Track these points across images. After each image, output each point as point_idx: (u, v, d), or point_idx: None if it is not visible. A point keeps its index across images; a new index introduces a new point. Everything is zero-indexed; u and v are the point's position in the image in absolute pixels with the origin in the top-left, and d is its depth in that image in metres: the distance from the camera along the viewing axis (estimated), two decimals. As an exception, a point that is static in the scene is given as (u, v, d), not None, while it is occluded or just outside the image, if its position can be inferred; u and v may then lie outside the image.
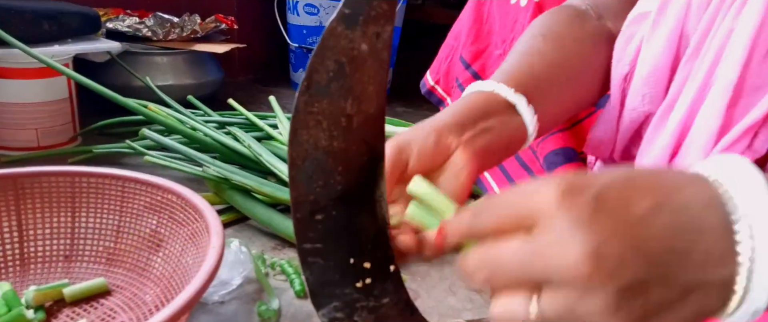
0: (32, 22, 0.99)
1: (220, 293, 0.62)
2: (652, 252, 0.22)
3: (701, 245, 0.22)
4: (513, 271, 0.24)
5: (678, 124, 0.41)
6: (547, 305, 0.23)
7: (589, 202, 0.22)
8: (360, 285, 0.34)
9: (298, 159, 0.31)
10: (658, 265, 0.22)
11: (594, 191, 0.22)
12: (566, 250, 0.22)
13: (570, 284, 0.22)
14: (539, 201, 0.23)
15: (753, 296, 0.23)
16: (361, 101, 0.31)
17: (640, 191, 0.23)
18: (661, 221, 0.22)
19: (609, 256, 0.21)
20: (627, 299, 0.22)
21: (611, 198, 0.22)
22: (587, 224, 0.21)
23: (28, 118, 0.97)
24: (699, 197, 0.23)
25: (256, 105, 1.38)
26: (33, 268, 0.61)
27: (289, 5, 1.53)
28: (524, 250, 0.23)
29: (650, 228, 0.22)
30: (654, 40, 0.45)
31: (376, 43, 0.30)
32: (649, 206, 0.22)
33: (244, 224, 0.81)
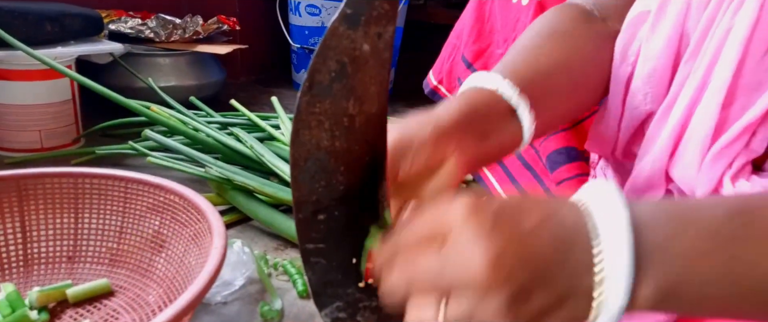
0: (35, 24, 0.99)
1: (222, 293, 0.62)
2: (537, 262, 0.26)
3: (573, 256, 0.26)
4: (426, 280, 0.27)
5: (676, 124, 0.41)
6: (452, 309, 0.26)
7: (489, 217, 0.26)
8: (362, 285, 0.34)
9: (300, 159, 0.31)
10: (541, 273, 0.26)
11: (493, 208, 0.26)
12: (470, 259, 0.25)
13: (471, 290, 0.26)
14: (449, 217, 0.27)
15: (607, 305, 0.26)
16: (363, 101, 0.31)
17: (529, 210, 0.27)
18: (544, 234, 0.26)
19: (503, 265, 0.25)
20: (516, 304, 0.25)
21: (506, 214, 0.26)
22: (487, 235, 0.25)
23: (31, 119, 0.97)
24: (571, 217, 0.27)
25: (259, 106, 1.38)
26: (36, 269, 0.62)
27: (291, 6, 1.53)
28: (436, 261, 0.27)
29: (536, 241, 0.26)
30: (654, 39, 0.44)
31: (377, 44, 0.30)
32: (535, 221, 0.26)
33: (247, 224, 0.81)
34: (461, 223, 0.26)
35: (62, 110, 1.00)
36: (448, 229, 0.27)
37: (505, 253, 0.25)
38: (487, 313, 0.26)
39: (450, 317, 0.27)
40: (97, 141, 1.05)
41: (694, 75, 0.41)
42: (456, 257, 0.26)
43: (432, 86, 0.86)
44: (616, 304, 0.26)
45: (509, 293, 0.25)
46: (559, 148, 0.63)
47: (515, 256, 0.25)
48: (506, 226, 0.26)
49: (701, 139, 0.39)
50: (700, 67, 0.40)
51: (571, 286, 0.26)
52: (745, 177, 0.39)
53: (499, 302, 0.25)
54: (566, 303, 0.26)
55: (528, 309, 0.26)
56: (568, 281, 0.26)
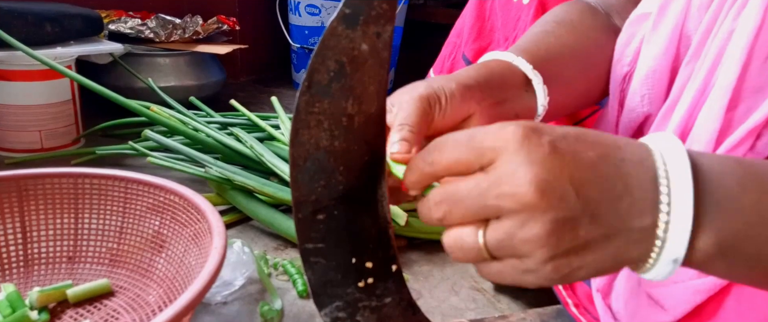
0: (35, 25, 0.99)
1: (222, 293, 0.62)
2: (589, 195, 0.25)
3: (629, 196, 0.25)
4: (469, 204, 0.26)
5: (678, 127, 0.41)
6: (491, 232, 0.26)
7: (547, 145, 0.25)
8: (362, 285, 0.34)
9: (300, 159, 0.31)
10: (591, 205, 0.25)
11: (552, 136, 0.25)
12: (519, 179, 0.24)
13: (515, 211, 0.25)
14: (502, 138, 0.26)
15: (670, 246, 0.25)
16: (362, 101, 0.31)
17: (589, 143, 0.26)
18: (601, 169, 0.25)
19: (553, 189, 0.24)
20: (559, 231, 0.24)
21: (565, 145, 0.25)
22: (542, 162, 0.24)
23: (31, 120, 0.97)
24: (634, 157, 0.26)
25: (258, 105, 1.38)
26: (36, 269, 0.62)
27: (291, 6, 1.53)
28: (482, 182, 0.25)
29: (592, 174, 0.25)
30: (654, 41, 0.44)
31: (376, 43, 0.30)
32: (594, 155, 0.25)
33: (247, 224, 0.81)
34: (514, 146, 0.25)
35: (62, 110, 1.00)
36: (498, 151, 0.25)
37: (557, 177, 0.24)
38: (527, 236, 0.24)
39: (489, 240, 0.26)
40: (97, 141, 1.05)
41: (695, 77, 0.41)
42: (505, 176, 0.25)
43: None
44: (675, 252, 0.25)
45: (554, 217, 0.24)
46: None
47: (569, 182, 0.24)
48: (565, 154, 0.25)
49: (705, 142, 0.39)
50: (702, 69, 0.40)
51: (623, 224, 0.25)
52: None
53: (543, 226, 0.24)
54: (613, 241, 0.25)
55: (572, 239, 0.25)
56: (621, 219, 0.25)
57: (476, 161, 0.26)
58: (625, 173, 0.25)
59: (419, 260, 0.74)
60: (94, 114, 1.12)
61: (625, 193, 0.25)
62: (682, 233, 0.25)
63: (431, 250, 0.76)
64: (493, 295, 0.68)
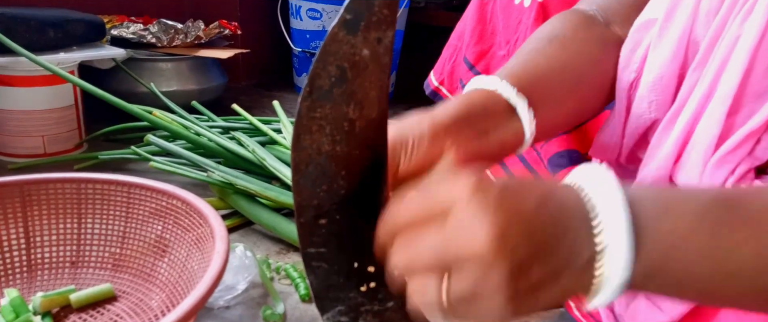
0: (38, 30, 0.99)
1: (225, 297, 0.62)
2: (538, 238, 0.27)
3: (567, 237, 0.27)
4: (429, 256, 0.27)
5: (681, 131, 0.41)
6: (454, 285, 0.27)
7: (494, 194, 0.27)
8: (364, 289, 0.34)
9: (302, 164, 0.32)
10: (541, 247, 0.27)
11: (497, 187, 0.27)
12: (475, 234, 0.26)
13: (475, 264, 0.26)
14: (452, 193, 0.27)
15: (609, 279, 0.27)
16: (364, 106, 0.31)
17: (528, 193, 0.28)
18: (545, 211, 0.27)
19: (507, 240, 0.26)
20: (516, 277, 0.26)
21: (510, 192, 0.27)
22: (493, 214, 0.26)
23: (34, 125, 0.98)
24: (570, 195, 0.28)
25: (260, 110, 1.39)
26: (40, 274, 0.62)
27: (292, 10, 1.53)
28: (440, 235, 0.27)
29: (539, 218, 0.27)
30: (661, 47, 0.44)
31: (377, 48, 0.30)
32: (534, 204, 0.27)
33: (249, 228, 0.81)
34: (465, 199, 0.27)
35: (65, 116, 1.01)
36: (450, 205, 0.27)
37: (509, 228, 0.26)
38: (489, 287, 0.26)
39: (453, 294, 0.27)
40: (99, 146, 1.05)
41: (701, 82, 0.41)
42: (460, 231, 0.26)
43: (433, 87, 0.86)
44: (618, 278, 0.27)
45: (511, 266, 0.26)
46: (560, 151, 0.63)
47: (519, 231, 0.26)
48: (511, 203, 0.27)
49: (705, 146, 0.39)
50: (708, 74, 0.40)
51: (569, 260, 0.27)
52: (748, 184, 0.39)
53: (501, 275, 0.26)
54: (560, 278, 0.27)
55: (527, 282, 0.27)
56: (566, 255, 0.27)
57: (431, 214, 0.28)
58: (562, 217, 0.28)
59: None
60: (96, 119, 1.12)
61: (564, 235, 0.27)
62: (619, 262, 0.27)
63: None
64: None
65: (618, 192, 0.28)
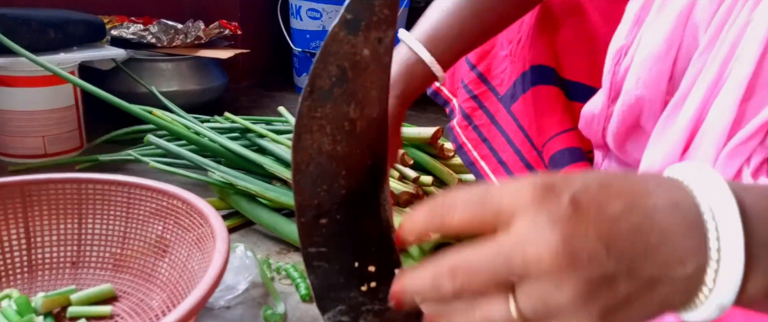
0: (38, 31, 1.00)
1: (225, 297, 0.62)
2: (621, 249, 0.23)
3: (666, 244, 0.23)
4: (491, 272, 0.23)
5: (690, 119, 0.40)
6: (523, 301, 0.23)
7: (567, 202, 0.23)
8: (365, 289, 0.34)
9: (302, 164, 0.32)
10: (626, 260, 0.23)
11: (570, 193, 0.23)
12: (542, 244, 0.22)
13: (544, 277, 0.23)
14: (517, 198, 0.24)
15: (719, 293, 0.24)
16: (364, 106, 0.31)
17: (614, 194, 0.24)
18: (631, 221, 0.23)
19: (581, 250, 0.22)
20: (596, 291, 0.23)
21: (586, 200, 0.23)
22: (565, 221, 0.23)
23: (34, 126, 0.98)
24: (668, 201, 0.24)
25: (261, 110, 1.39)
26: (40, 275, 0.62)
27: (292, 10, 1.54)
28: (503, 246, 0.23)
29: (620, 228, 0.23)
30: (657, 25, 0.44)
31: (378, 48, 0.31)
32: (621, 208, 0.23)
33: (250, 228, 0.81)
34: (533, 205, 0.23)
35: (65, 116, 1.01)
36: (515, 212, 0.23)
37: (584, 236, 0.22)
38: (563, 301, 0.23)
39: (524, 308, 0.23)
40: (100, 146, 1.05)
41: (709, 68, 0.40)
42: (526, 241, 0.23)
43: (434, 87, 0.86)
44: (724, 298, 0.24)
45: (588, 279, 0.22)
46: (562, 149, 0.63)
47: (597, 239, 0.23)
48: (588, 209, 0.23)
49: (717, 135, 0.38)
50: (715, 60, 0.39)
51: (665, 274, 0.23)
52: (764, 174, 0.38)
53: (576, 287, 0.22)
54: (654, 291, 0.24)
55: (610, 298, 0.23)
56: (661, 269, 0.23)
57: (492, 221, 0.24)
58: (658, 221, 0.24)
59: (422, 263, 0.74)
60: (97, 119, 1.12)
61: (661, 242, 0.23)
62: (732, 280, 0.23)
63: (434, 253, 0.76)
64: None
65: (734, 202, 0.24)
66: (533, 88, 0.65)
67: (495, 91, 0.73)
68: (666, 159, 0.43)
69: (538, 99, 0.65)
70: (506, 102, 0.70)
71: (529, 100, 0.67)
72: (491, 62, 0.76)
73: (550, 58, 0.66)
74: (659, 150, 0.43)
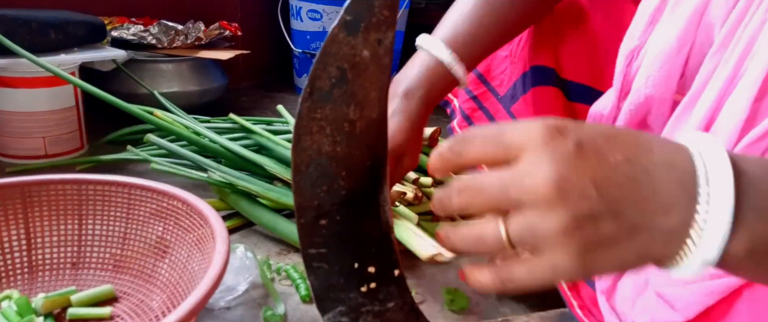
0: (39, 32, 1.00)
1: (226, 298, 0.62)
2: (611, 194, 0.25)
3: (656, 196, 0.25)
4: (491, 195, 0.26)
5: (702, 118, 0.40)
6: (513, 226, 0.26)
7: (572, 146, 0.25)
8: (365, 289, 0.34)
9: (302, 165, 0.32)
10: (613, 204, 0.25)
11: (578, 137, 0.25)
12: (539, 176, 0.25)
13: (535, 207, 0.25)
14: (527, 136, 0.26)
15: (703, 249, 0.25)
16: (364, 107, 0.31)
17: (617, 145, 0.25)
18: (627, 172, 0.25)
19: (573, 187, 0.24)
20: (580, 226, 0.25)
21: (590, 146, 0.25)
22: (565, 160, 0.25)
23: (35, 126, 0.98)
24: (666, 159, 0.26)
25: (261, 110, 1.39)
26: (41, 275, 0.62)
27: (293, 11, 1.54)
28: (505, 176, 0.26)
29: (616, 175, 0.25)
30: (670, 24, 0.44)
31: (377, 50, 0.31)
32: (621, 158, 0.25)
33: (250, 229, 0.81)
34: (540, 144, 0.25)
35: (66, 117, 1.01)
36: (524, 149, 0.26)
37: (579, 176, 0.24)
38: (548, 229, 0.25)
39: (512, 231, 0.26)
40: (100, 147, 1.05)
41: (723, 67, 0.40)
42: (526, 172, 0.25)
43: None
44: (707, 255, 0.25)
45: (574, 213, 0.24)
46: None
47: (591, 181, 0.24)
48: (589, 154, 0.25)
49: (729, 134, 0.38)
50: (730, 59, 0.39)
51: (647, 222, 0.25)
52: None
53: (562, 220, 0.24)
54: (636, 238, 0.25)
55: (592, 234, 0.25)
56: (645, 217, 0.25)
57: (503, 156, 0.26)
58: (653, 175, 0.25)
59: (422, 263, 0.74)
60: (97, 120, 1.12)
61: (652, 194, 0.25)
62: (717, 238, 0.25)
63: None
64: (497, 298, 0.68)
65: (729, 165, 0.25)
66: (533, 88, 0.65)
67: (495, 91, 0.73)
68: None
69: (538, 100, 0.65)
70: (506, 103, 0.70)
71: (529, 100, 0.67)
72: (491, 63, 0.76)
73: (550, 59, 0.66)
74: None
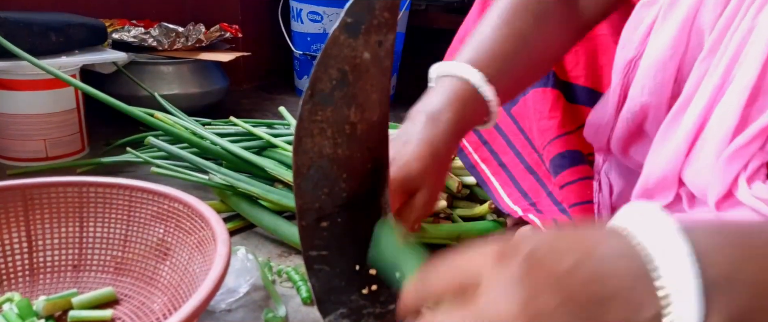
0: (40, 34, 1.00)
1: (227, 300, 0.62)
2: (578, 301, 0.24)
3: (622, 292, 0.24)
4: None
5: (693, 124, 0.40)
6: None
7: (520, 263, 0.25)
8: (366, 292, 0.34)
9: (303, 167, 0.32)
10: (584, 311, 0.24)
11: (524, 253, 0.25)
12: (504, 307, 0.24)
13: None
14: (477, 266, 0.26)
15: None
16: (365, 109, 0.31)
17: (563, 250, 0.25)
18: (583, 273, 0.24)
19: (540, 310, 0.24)
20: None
21: (539, 258, 0.25)
22: (520, 282, 0.24)
23: (36, 129, 0.98)
24: (615, 249, 0.25)
25: (262, 113, 1.39)
26: (42, 278, 0.62)
27: (293, 13, 1.54)
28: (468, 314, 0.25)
29: (575, 280, 0.24)
30: (663, 30, 0.44)
31: (378, 52, 0.31)
32: (572, 261, 0.24)
33: (251, 231, 0.81)
34: (490, 272, 0.25)
35: (67, 119, 1.01)
36: (477, 279, 0.26)
37: (539, 296, 0.24)
38: None
39: None
40: (101, 150, 1.06)
41: (712, 73, 0.40)
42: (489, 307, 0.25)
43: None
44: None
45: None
46: (562, 152, 0.63)
47: (551, 298, 0.24)
48: (538, 270, 0.25)
49: (720, 138, 0.39)
50: (719, 65, 0.39)
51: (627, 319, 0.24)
52: (761, 179, 0.38)
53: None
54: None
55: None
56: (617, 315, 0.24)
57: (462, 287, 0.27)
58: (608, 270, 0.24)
59: (423, 265, 0.74)
60: (98, 123, 1.12)
61: (616, 290, 0.24)
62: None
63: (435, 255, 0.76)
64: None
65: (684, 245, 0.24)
66: (533, 90, 0.65)
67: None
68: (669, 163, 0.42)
69: (538, 101, 0.65)
70: (507, 105, 0.70)
71: (529, 102, 0.67)
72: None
73: (551, 61, 0.66)
74: (662, 154, 0.43)
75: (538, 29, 0.49)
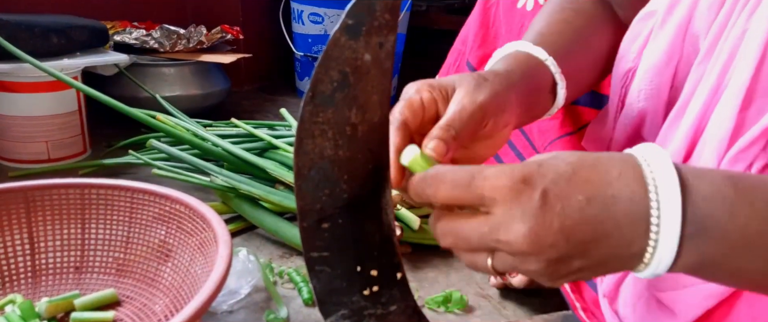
0: (41, 37, 1.00)
1: (228, 302, 0.62)
2: (578, 238, 0.28)
3: (619, 231, 0.28)
4: (473, 241, 0.30)
5: (690, 128, 0.41)
6: (498, 263, 0.30)
7: (538, 199, 0.28)
8: (367, 293, 0.34)
9: (304, 168, 0.32)
10: (581, 246, 0.28)
11: (543, 186, 0.28)
12: (513, 232, 0.28)
13: (514, 255, 0.29)
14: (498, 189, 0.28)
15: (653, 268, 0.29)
16: (366, 110, 0.32)
17: (581, 184, 0.28)
18: (590, 212, 0.28)
19: (545, 239, 0.28)
20: (554, 267, 0.29)
21: (555, 192, 0.28)
22: (533, 216, 0.28)
23: (38, 131, 0.98)
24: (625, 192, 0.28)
25: (263, 114, 1.39)
26: (44, 280, 0.62)
27: (294, 14, 1.54)
28: (482, 227, 0.29)
29: (580, 219, 0.28)
30: (659, 37, 0.44)
31: (379, 53, 0.31)
32: (584, 198, 0.28)
33: (252, 232, 0.81)
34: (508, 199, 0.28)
35: (69, 121, 1.01)
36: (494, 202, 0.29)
37: (547, 228, 0.28)
38: (528, 269, 0.29)
39: (497, 266, 0.30)
40: (103, 151, 1.06)
41: (708, 77, 0.40)
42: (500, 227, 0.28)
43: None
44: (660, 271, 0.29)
45: (547, 259, 0.28)
46: (562, 153, 0.63)
47: (559, 231, 0.28)
48: (554, 204, 0.28)
49: (718, 142, 0.39)
50: (714, 69, 0.40)
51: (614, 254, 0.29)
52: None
53: (538, 264, 0.29)
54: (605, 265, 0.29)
55: (566, 269, 0.29)
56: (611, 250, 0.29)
57: (473, 204, 0.30)
58: (613, 212, 0.28)
59: (424, 267, 0.74)
60: (100, 124, 1.13)
61: (615, 229, 0.28)
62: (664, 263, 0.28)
63: (436, 257, 0.76)
64: (499, 301, 0.68)
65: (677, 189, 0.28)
66: (534, 91, 0.65)
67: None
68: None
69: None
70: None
71: (530, 103, 0.67)
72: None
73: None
74: None
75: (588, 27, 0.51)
